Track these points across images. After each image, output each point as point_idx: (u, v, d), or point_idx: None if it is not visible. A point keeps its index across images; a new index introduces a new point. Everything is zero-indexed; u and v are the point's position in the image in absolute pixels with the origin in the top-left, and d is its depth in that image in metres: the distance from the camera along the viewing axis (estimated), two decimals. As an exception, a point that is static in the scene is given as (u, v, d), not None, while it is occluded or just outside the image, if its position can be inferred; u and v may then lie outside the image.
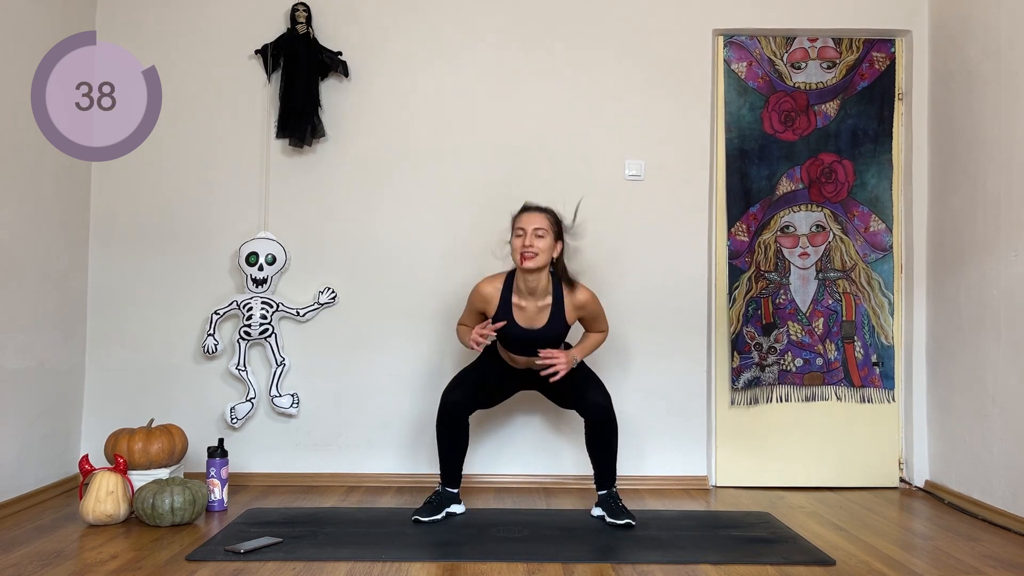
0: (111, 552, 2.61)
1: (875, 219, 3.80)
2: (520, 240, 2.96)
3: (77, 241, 3.61)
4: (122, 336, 3.68)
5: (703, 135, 3.76)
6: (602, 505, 3.07)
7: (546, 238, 2.96)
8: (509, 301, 3.05)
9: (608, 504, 3.05)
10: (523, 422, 3.70)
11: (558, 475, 3.70)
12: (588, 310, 3.09)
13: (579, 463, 3.65)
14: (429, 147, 3.73)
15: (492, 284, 3.08)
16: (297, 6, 3.65)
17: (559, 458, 3.70)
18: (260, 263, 3.61)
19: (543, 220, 2.99)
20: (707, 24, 3.76)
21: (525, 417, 3.70)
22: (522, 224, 2.99)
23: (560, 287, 3.05)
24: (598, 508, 3.11)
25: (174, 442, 3.22)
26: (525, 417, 3.70)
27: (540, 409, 3.70)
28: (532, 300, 3.04)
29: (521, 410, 3.70)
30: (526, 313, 3.04)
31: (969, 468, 3.37)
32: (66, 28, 3.48)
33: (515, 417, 3.70)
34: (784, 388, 3.77)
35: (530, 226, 2.96)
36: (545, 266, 2.99)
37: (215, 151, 3.71)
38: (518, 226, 3.00)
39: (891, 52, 3.83)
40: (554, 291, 3.05)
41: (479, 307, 3.11)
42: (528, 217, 3.00)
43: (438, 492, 3.11)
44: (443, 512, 3.06)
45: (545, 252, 2.96)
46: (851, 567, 2.54)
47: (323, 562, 2.53)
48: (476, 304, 3.11)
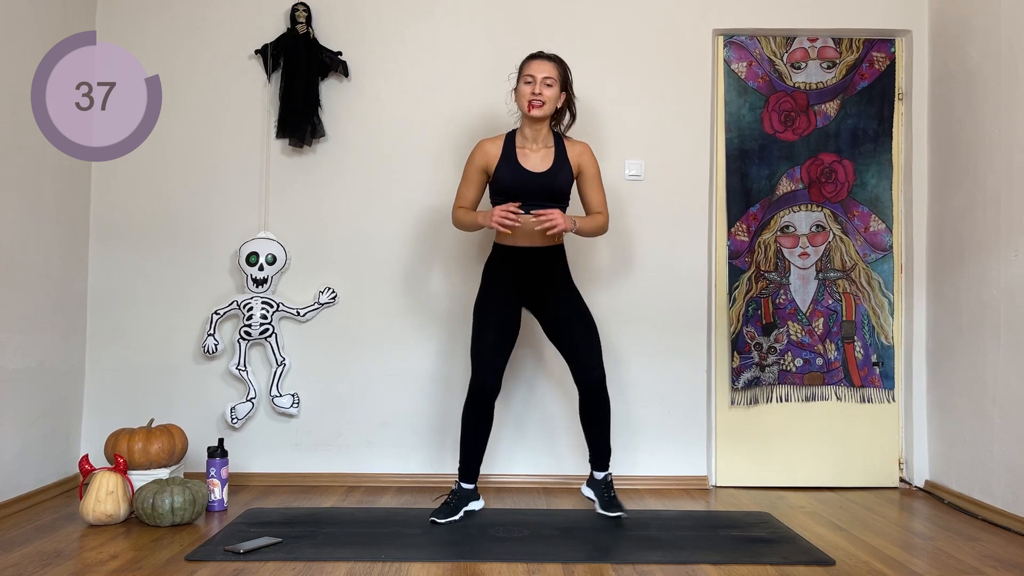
0: (111, 552, 2.61)
1: (875, 219, 3.80)
2: (529, 87, 2.99)
3: (77, 241, 3.61)
4: (122, 336, 3.68)
5: (703, 135, 3.76)
6: (594, 489, 3.08)
7: (554, 87, 3.00)
8: (512, 150, 3.06)
9: (601, 493, 3.05)
10: (523, 422, 3.70)
11: (558, 475, 3.70)
12: (586, 159, 3.10)
13: (579, 463, 3.65)
14: (429, 147, 3.73)
15: (492, 141, 3.11)
16: (297, 6, 3.65)
17: (559, 458, 3.70)
18: (260, 263, 3.61)
19: (552, 69, 3.01)
20: (707, 24, 3.76)
21: (525, 417, 3.70)
22: (531, 71, 3.01)
23: (560, 138, 3.11)
24: (588, 489, 3.11)
25: (174, 442, 3.22)
26: (525, 417, 3.70)
27: (541, 409, 3.70)
28: (534, 147, 3.07)
29: (521, 410, 3.70)
30: (530, 160, 3.05)
31: (969, 468, 3.37)
32: (66, 28, 3.49)
33: (515, 417, 3.70)
34: (784, 388, 3.77)
35: (540, 74, 2.98)
36: (550, 115, 3.04)
37: (215, 151, 3.71)
38: (527, 73, 3.01)
39: (891, 52, 3.83)
40: (555, 141, 3.10)
41: (481, 162, 3.09)
42: (538, 64, 3.01)
43: (455, 491, 3.07)
44: (461, 512, 3.03)
45: (552, 101, 3.00)
46: (851, 567, 2.54)
47: (323, 562, 2.53)
48: (478, 160, 3.09)
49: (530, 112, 2.98)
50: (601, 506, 3.02)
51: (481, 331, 3.05)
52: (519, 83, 3.04)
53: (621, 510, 2.98)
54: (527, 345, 3.67)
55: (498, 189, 3.06)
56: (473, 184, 3.13)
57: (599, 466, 3.10)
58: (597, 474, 3.11)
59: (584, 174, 3.12)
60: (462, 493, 3.08)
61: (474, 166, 3.10)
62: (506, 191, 3.03)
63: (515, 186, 3.02)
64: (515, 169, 3.02)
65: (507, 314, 3.07)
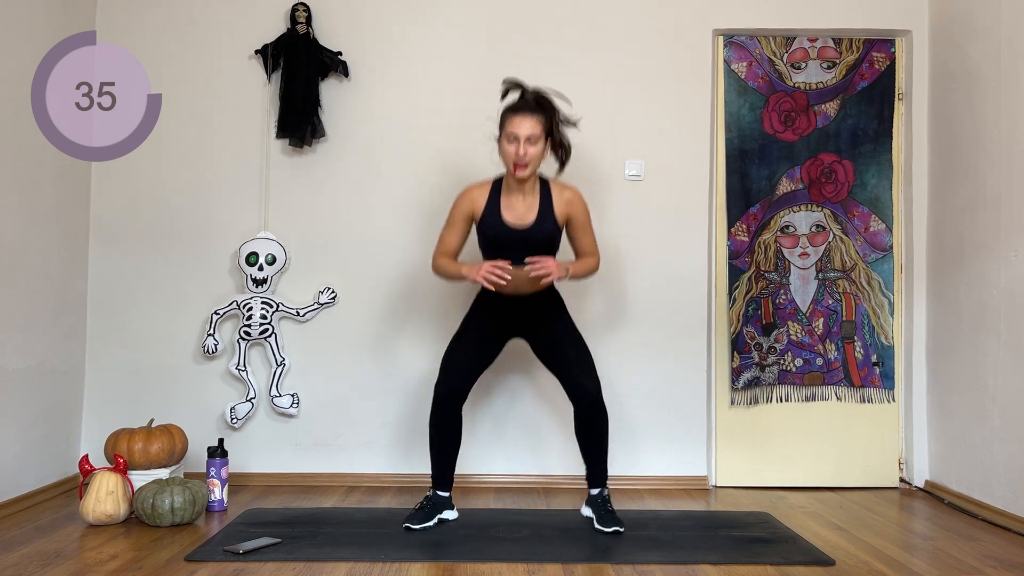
0: (111, 552, 2.61)
1: (875, 219, 3.80)
2: (513, 147, 2.86)
3: (77, 241, 3.61)
4: (122, 336, 3.68)
5: (703, 135, 3.76)
6: (591, 506, 3.00)
7: (538, 143, 2.88)
8: (497, 200, 2.97)
9: (598, 508, 2.97)
10: (522, 421, 3.70)
11: (558, 475, 3.70)
12: (575, 207, 2.99)
13: (579, 463, 3.65)
14: (429, 147, 3.73)
15: (478, 187, 3.01)
16: (297, 6, 3.65)
17: (559, 458, 3.70)
18: (260, 263, 3.61)
19: (535, 124, 2.86)
20: (707, 24, 3.76)
21: (524, 416, 3.70)
22: (514, 129, 2.86)
23: (547, 185, 3.00)
24: (587, 508, 3.03)
25: (174, 442, 3.22)
26: (524, 416, 3.70)
27: (540, 409, 3.70)
28: (520, 197, 2.96)
29: (520, 410, 3.70)
30: (515, 211, 2.96)
31: (969, 468, 3.37)
32: (66, 28, 3.49)
33: (514, 417, 3.70)
34: (784, 388, 3.77)
35: (523, 133, 2.84)
36: (534, 173, 2.94)
37: (215, 151, 3.72)
38: (510, 131, 2.87)
39: (891, 52, 3.83)
40: (541, 188, 2.99)
41: (467, 209, 2.99)
42: (520, 121, 2.86)
43: (429, 497, 3.00)
44: (435, 519, 2.96)
45: (536, 159, 2.90)
46: (851, 567, 2.54)
47: (322, 562, 2.53)
48: (463, 207, 2.99)
49: (516, 174, 2.88)
50: (599, 521, 2.93)
51: (458, 343, 3.04)
52: (501, 138, 2.91)
53: (619, 524, 2.89)
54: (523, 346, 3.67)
55: (483, 241, 3.02)
56: (457, 230, 3.02)
57: (596, 483, 3.01)
58: (593, 491, 3.01)
59: (573, 222, 3.02)
60: (437, 500, 2.99)
61: (460, 212, 3.00)
62: (490, 244, 2.99)
63: (498, 240, 2.96)
64: (498, 223, 2.95)
65: (489, 339, 3.04)
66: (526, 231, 2.95)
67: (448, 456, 3.00)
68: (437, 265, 3.03)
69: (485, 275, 2.81)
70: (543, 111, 2.92)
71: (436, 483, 3.02)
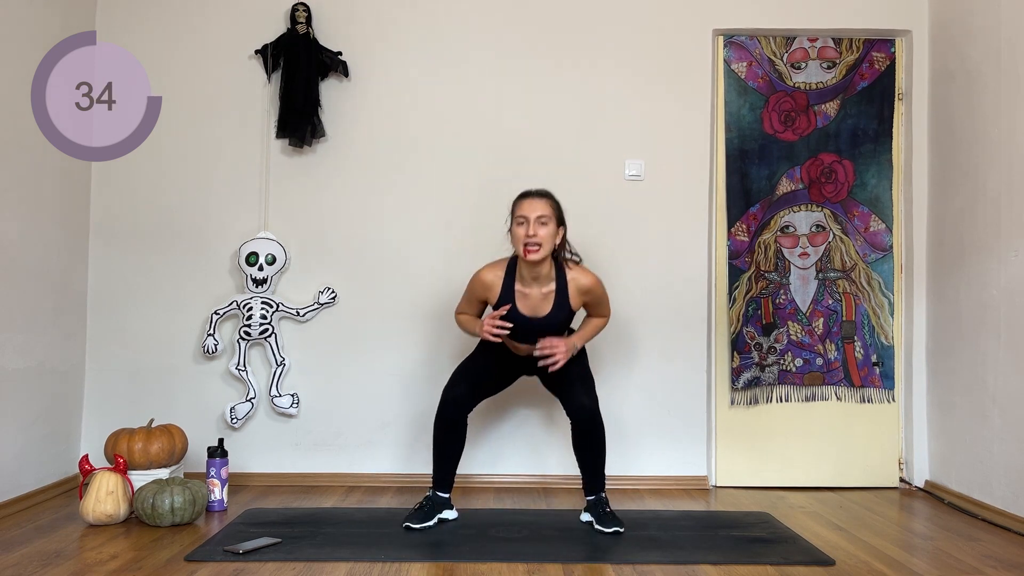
0: (111, 552, 2.61)
1: (875, 219, 3.80)
2: (523, 229, 2.86)
3: (77, 241, 3.61)
4: (122, 336, 3.68)
5: (703, 135, 3.76)
6: (590, 511, 3.00)
7: (549, 225, 2.87)
8: (512, 288, 2.96)
9: (596, 510, 2.97)
10: (523, 422, 3.70)
11: (558, 475, 3.70)
12: (593, 295, 2.99)
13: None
14: (429, 147, 3.73)
15: (493, 271, 2.99)
16: (297, 6, 3.65)
17: (559, 458, 3.70)
18: (260, 263, 3.61)
19: (545, 207, 2.88)
20: (707, 24, 3.76)
21: (525, 417, 3.70)
22: (524, 212, 2.87)
23: (563, 272, 2.96)
24: (586, 514, 3.04)
25: (174, 442, 3.22)
26: (525, 417, 3.70)
27: (540, 409, 3.70)
28: (536, 286, 2.95)
29: (521, 410, 3.70)
30: (529, 301, 2.96)
31: (969, 468, 3.37)
32: (66, 28, 3.49)
33: (514, 417, 3.70)
34: (784, 388, 3.77)
35: (532, 214, 2.85)
36: (548, 255, 2.91)
37: (215, 151, 3.72)
38: (519, 214, 2.89)
39: (891, 52, 3.83)
40: (557, 277, 2.95)
41: (480, 295, 3.02)
42: (530, 204, 2.89)
43: (429, 497, 3.01)
44: (435, 518, 2.97)
45: (548, 240, 2.86)
46: (851, 567, 2.54)
47: (322, 562, 2.53)
48: (477, 292, 3.02)
49: (527, 257, 2.85)
50: (598, 522, 2.94)
51: (472, 363, 3.11)
52: (512, 223, 2.92)
53: (618, 525, 2.90)
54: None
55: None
56: (474, 304, 3.08)
57: (593, 491, 3.01)
58: (591, 497, 3.01)
59: (590, 304, 3.03)
60: (437, 500, 3.01)
61: (474, 294, 3.04)
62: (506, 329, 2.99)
63: (512, 329, 2.96)
64: (513, 313, 2.95)
65: (501, 375, 3.14)
66: (540, 320, 2.97)
67: (450, 459, 3.03)
68: (458, 320, 3.12)
69: (488, 331, 2.89)
70: (551, 198, 2.95)
71: (437, 484, 3.03)
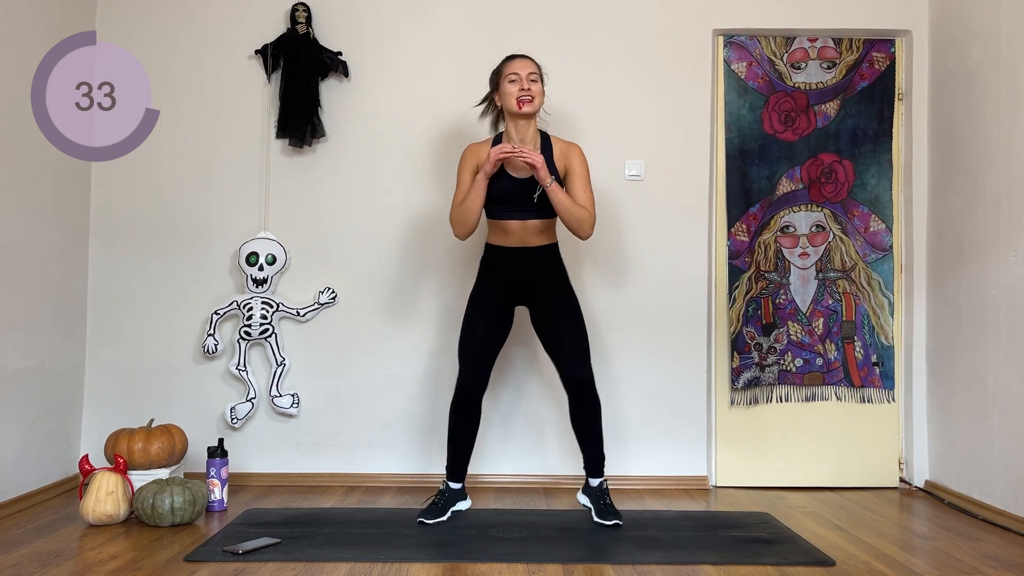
0: (111, 552, 2.61)
1: (875, 219, 3.80)
2: (515, 85, 2.95)
3: (77, 241, 3.61)
4: (122, 336, 3.68)
5: (703, 135, 3.76)
6: (589, 496, 3.04)
7: (538, 83, 2.99)
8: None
9: (596, 500, 3.01)
10: (523, 422, 3.70)
11: (558, 475, 3.70)
12: (573, 157, 3.04)
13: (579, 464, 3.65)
14: (429, 147, 3.73)
15: (480, 144, 3.09)
16: (297, 6, 3.65)
17: (559, 458, 3.70)
18: (260, 263, 3.61)
19: (535, 66, 3.01)
20: (707, 24, 3.76)
21: (525, 417, 3.70)
22: (515, 70, 2.98)
23: (547, 137, 3.07)
24: (584, 496, 3.08)
25: (174, 442, 3.22)
26: (525, 417, 3.70)
27: (540, 409, 3.70)
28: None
29: (521, 410, 3.70)
30: (516, 162, 2.98)
31: (969, 468, 3.37)
32: (66, 28, 3.49)
33: (515, 417, 3.70)
34: (784, 388, 3.77)
35: (524, 71, 2.97)
36: (538, 111, 3.01)
37: (215, 151, 3.72)
38: (510, 72, 2.98)
39: (891, 52, 3.83)
40: (542, 141, 3.05)
41: (473, 163, 3.04)
42: (520, 63, 3.00)
43: (442, 491, 3.06)
44: (448, 512, 3.02)
45: (540, 96, 2.99)
46: (851, 567, 2.54)
47: (322, 563, 2.53)
48: (470, 161, 3.05)
49: (521, 109, 2.93)
50: (597, 514, 2.98)
51: (471, 327, 3.06)
52: (502, 84, 2.99)
53: (617, 517, 2.94)
54: (525, 344, 3.67)
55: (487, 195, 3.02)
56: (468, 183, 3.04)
57: (594, 472, 3.05)
58: (592, 481, 3.05)
59: (571, 172, 3.04)
60: (450, 493, 3.06)
61: (467, 168, 3.05)
62: (494, 197, 3.00)
63: (502, 192, 2.98)
64: (501, 175, 2.97)
65: (498, 311, 3.07)
66: (529, 182, 2.98)
67: (465, 448, 3.06)
68: (455, 215, 3.01)
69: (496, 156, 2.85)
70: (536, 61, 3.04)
71: (450, 475, 3.08)
